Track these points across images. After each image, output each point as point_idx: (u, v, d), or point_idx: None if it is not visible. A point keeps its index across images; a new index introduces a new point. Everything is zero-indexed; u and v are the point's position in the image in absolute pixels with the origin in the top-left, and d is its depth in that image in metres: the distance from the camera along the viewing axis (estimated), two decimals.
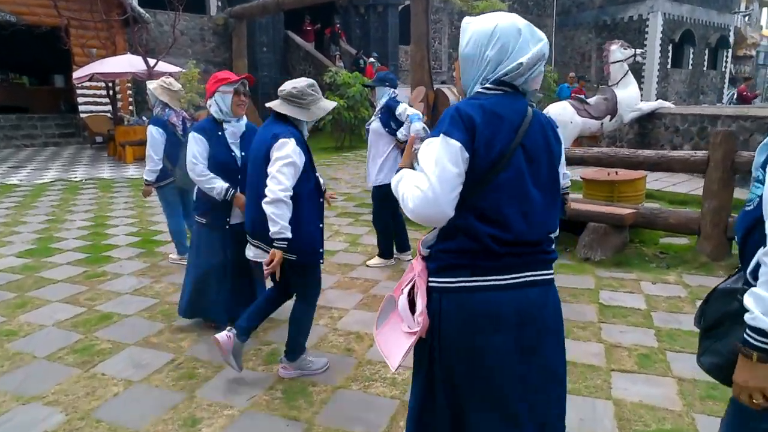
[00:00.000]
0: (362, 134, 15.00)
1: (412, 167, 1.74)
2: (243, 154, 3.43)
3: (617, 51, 11.07)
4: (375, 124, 5.01)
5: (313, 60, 18.16)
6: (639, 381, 3.09)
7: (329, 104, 3.07)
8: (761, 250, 1.30)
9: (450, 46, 25.65)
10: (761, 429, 1.39)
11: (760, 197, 1.38)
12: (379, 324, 1.83)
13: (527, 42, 1.60)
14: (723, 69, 32.73)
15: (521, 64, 1.58)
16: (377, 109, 5.05)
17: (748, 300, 1.31)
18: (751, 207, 1.44)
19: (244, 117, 3.51)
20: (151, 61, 11.03)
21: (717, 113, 9.16)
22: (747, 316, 1.30)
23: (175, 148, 4.65)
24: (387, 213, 5.13)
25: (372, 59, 18.72)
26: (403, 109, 4.82)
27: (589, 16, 28.20)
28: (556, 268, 1.81)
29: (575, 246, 5.40)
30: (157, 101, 4.79)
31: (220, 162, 3.41)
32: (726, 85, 32.97)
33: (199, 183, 3.40)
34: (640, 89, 23.02)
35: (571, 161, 5.58)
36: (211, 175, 3.37)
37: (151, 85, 4.88)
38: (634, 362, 3.31)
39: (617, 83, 10.87)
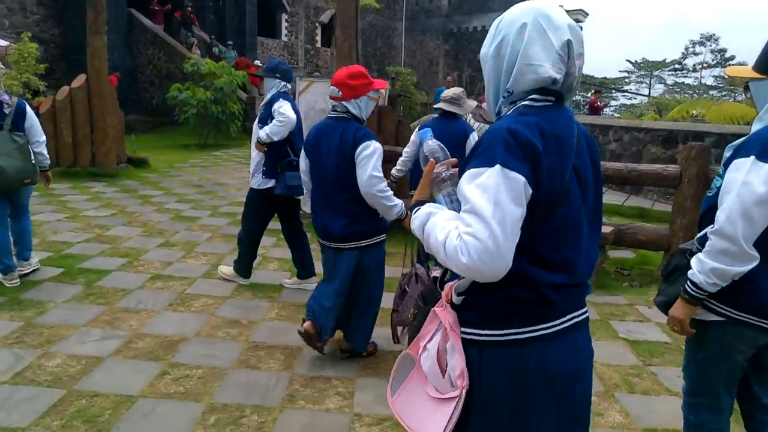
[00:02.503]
0: (231, 131, 13.41)
1: (432, 200, 1.41)
2: None
3: None
4: (256, 121, 4.20)
5: (163, 45, 15.90)
6: None
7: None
8: (709, 228, 1.73)
9: (306, 41, 24.57)
10: (700, 356, 1.93)
11: (718, 188, 1.79)
12: (393, 389, 1.49)
13: (537, 37, 1.29)
14: None
15: (549, 75, 1.29)
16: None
17: (693, 260, 1.79)
18: (711, 194, 1.86)
19: None
20: None
21: (609, 123, 9.52)
22: (689, 272, 1.79)
23: None
24: (256, 222, 4.26)
25: (232, 51, 17.03)
26: (279, 106, 3.97)
27: (437, 23, 29.15)
28: None
29: None
30: None
31: None
32: None
33: (378, 200, 2.97)
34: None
35: None
36: (391, 191, 3.01)
37: None
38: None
39: None
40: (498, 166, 1.20)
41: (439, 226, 1.27)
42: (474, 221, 1.19)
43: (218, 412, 2.64)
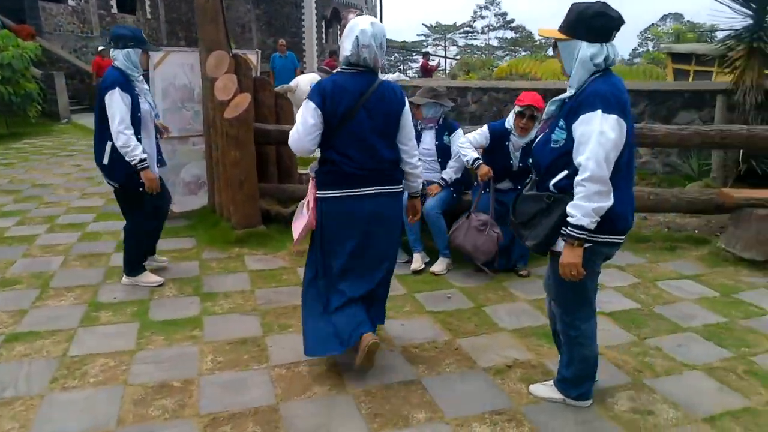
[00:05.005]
0: (30, 116, 10.86)
1: None
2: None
3: None
4: None
5: None
6: None
7: None
8: (577, 178, 2.04)
9: (99, 5, 21.10)
10: (572, 279, 2.17)
11: (564, 140, 2.13)
12: (294, 219, 2.90)
13: (349, 36, 2.51)
14: None
15: (347, 55, 2.51)
16: None
17: (570, 209, 2.06)
18: (557, 146, 2.17)
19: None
20: None
21: (466, 86, 9.51)
22: (570, 219, 2.06)
23: None
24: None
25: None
26: None
27: None
28: None
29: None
30: None
31: None
32: None
33: None
34: (302, 63, 23.33)
35: None
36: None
37: None
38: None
39: None
40: (307, 99, 2.53)
41: None
42: (295, 124, 2.58)
43: None
